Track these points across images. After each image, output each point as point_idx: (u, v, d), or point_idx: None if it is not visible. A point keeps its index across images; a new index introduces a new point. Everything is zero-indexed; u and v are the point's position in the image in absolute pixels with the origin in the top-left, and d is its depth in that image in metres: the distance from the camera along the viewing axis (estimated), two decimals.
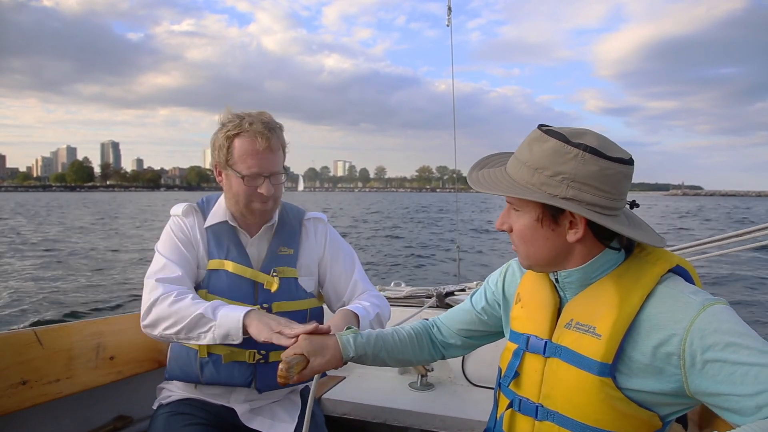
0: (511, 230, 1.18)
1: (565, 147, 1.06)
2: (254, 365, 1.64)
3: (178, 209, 1.72)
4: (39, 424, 1.77)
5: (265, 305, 1.64)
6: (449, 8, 3.15)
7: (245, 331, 1.44)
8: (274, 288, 1.65)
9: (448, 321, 1.50)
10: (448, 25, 3.21)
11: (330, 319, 1.50)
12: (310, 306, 1.73)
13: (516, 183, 1.11)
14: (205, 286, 1.65)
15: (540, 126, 1.13)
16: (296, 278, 1.72)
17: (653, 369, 1.03)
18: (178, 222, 1.71)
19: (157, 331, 1.53)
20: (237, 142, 1.59)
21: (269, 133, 1.59)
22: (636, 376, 1.05)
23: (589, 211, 1.05)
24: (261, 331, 1.39)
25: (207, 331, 1.47)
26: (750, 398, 0.91)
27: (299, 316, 1.66)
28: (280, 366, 1.22)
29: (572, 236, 1.10)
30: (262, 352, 1.63)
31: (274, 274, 1.66)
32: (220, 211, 1.71)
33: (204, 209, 1.74)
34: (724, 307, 1.01)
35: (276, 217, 1.75)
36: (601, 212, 1.06)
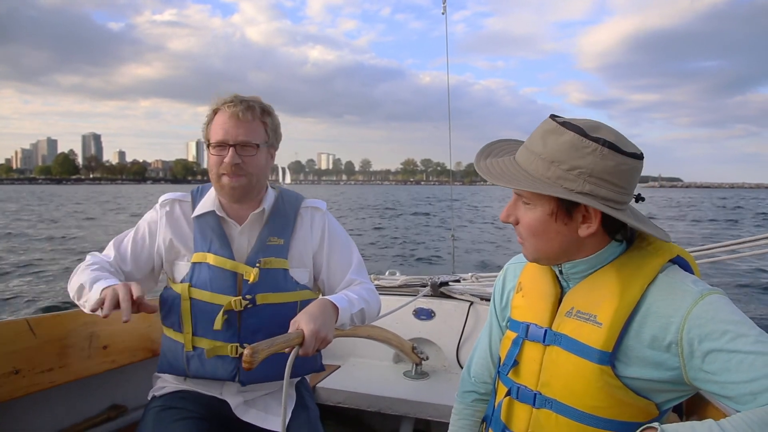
0: (517, 223, 1.16)
1: (582, 141, 1.04)
2: (238, 359, 1.60)
3: (163, 198, 1.73)
4: (32, 414, 1.75)
5: (248, 296, 1.59)
6: None
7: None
8: (252, 279, 1.59)
9: (482, 370, 1.45)
10: (443, 13, 3.17)
11: (307, 306, 1.47)
12: (300, 298, 1.66)
13: (530, 176, 1.08)
14: (189, 279, 1.63)
15: (552, 116, 1.11)
16: (286, 269, 1.66)
17: (652, 357, 1.04)
18: (153, 212, 1.72)
19: (70, 295, 1.56)
20: (215, 117, 1.62)
21: (240, 104, 1.59)
22: (635, 364, 1.06)
23: (605, 207, 1.05)
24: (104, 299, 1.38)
25: (85, 301, 1.48)
26: (745, 385, 0.93)
27: (287, 309, 1.62)
28: (245, 351, 1.22)
29: (584, 231, 1.09)
30: (245, 345, 1.58)
31: (258, 264, 1.61)
32: (209, 200, 1.68)
33: (196, 198, 1.72)
34: (721, 296, 1.02)
35: (265, 204, 1.69)
36: (613, 207, 1.06)
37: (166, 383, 1.72)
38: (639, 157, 1.08)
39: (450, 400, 1.53)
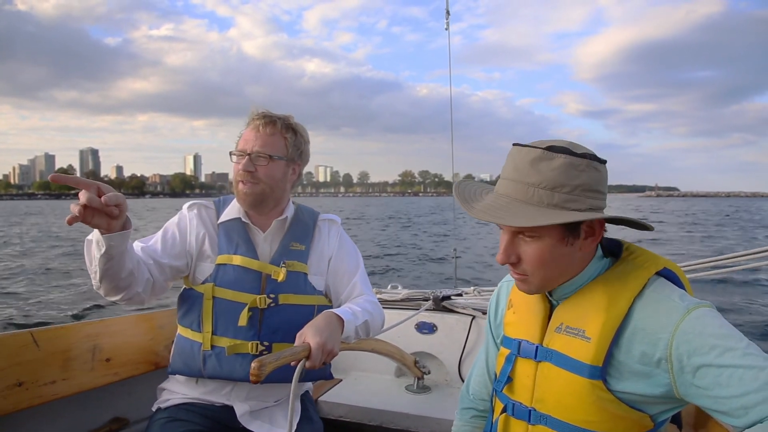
0: (518, 261, 1.13)
1: (575, 160, 1.06)
2: (257, 356, 1.60)
3: (189, 203, 1.81)
4: (35, 426, 1.74)
5: (272, 295, 1.66)
6: (447, 12, 3.18)
7: (101, 231, 1.32)
8: (281, 277, 1.67)
9: (480, 387, 1.46)
10: (446, 29, 3.24)
11: (313, 320, 1.50)
12: (317, 302, 1.74)
13: (537, 208, 1.06)
14: (213, 279, 1.68)
15: (515, 144, 1.12)
16: (306, 274, 1.74)
17: (642, 372, 1.04)
18: (181, 215, 1.78)
19: (88, 268, 1.45)
20: (245, 130, 1.73)
21: (263, 119, 1.70)
22: (626, 379, 1.06)
23: (609, 216, 1.08)
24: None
25: (88, 248, 1.40)
26: (736, 400, 0.93)
27: (306, 311, 1.69)
28: (253, 365, 1.24)
29: (588, 245, 1.11)
30: (265, 343, 1.65)
31: (283, 266, 1.69)
32: (234, 208, 1.76)
33: (219, 207, 1.80)
34: (708, 310, 1.02)
35: (287, 213, 1.78)
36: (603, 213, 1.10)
37: (172, 395, 1.73)
38: (605, 162, 1.12)
39: (452, 414, 1.53)
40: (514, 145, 1.13)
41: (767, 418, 0.90)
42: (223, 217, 1.75)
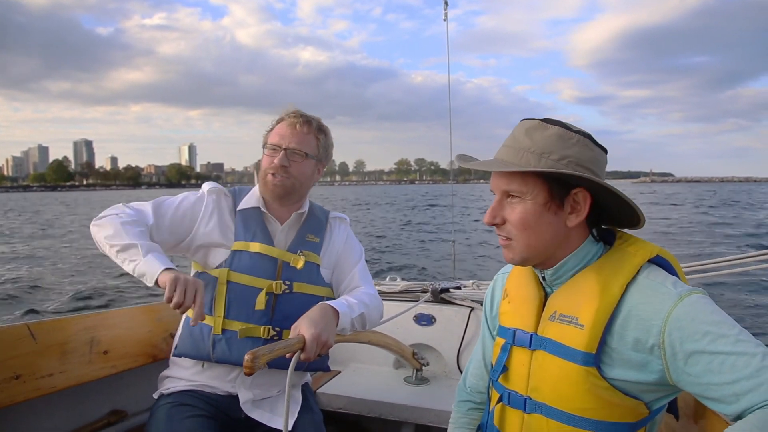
0: (503, 222, 1.16)
1: (567, 133, 1.11)
2: (269, 341, 1.66)
3: (209, 186, 1.82)
4: (32, 419, 1.74)
5: (287, 282, 1.71)
6: (446, 2, 3.20)
7: (158, 282, 1.48)
8: (300, 265, 1.73)
9: (477, 380, 1.46)
10: (444, 20, 3.25)
11: (307, 312, 1.52)
12: (326, 294, 1.79)
13: (524, 168, 1.10)
14: (228, 264, 1.70)
15: (525, 119, 1.17)
16: (318, 265, 1.80)
17: (636, 359, 1.04)
18: (199, 196, 1.79)
19: (99, 235, 1.59)
20: (277, 125, 1.79)
21: (300, 118, 1.77)
22: (619, 366, 1.06)
23: (602, 184, 1.09)
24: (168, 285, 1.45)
25: (132, 261, 1.51)
26: (728, 386, 0.93)
27: (316, 301, 1.70)
28: (246, 357, 1.24)
29: (573, 220, 1.12)
30: (276, 329, 1.69)
31: (300, 254, 1.75)
32: (253, 197, 1.81)
33: (236, 196, 1.83)
34: (701, 296, 1.02)
35: (306, 207, 1.84)
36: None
37: (174, 382, 1.74)
38: (606, 151, 1.16)
39: (450, 405, 1.53)
40: (522, 120, 1.19)
41: (758, 405, 0.91)
42: (242, 205, 1.79)
